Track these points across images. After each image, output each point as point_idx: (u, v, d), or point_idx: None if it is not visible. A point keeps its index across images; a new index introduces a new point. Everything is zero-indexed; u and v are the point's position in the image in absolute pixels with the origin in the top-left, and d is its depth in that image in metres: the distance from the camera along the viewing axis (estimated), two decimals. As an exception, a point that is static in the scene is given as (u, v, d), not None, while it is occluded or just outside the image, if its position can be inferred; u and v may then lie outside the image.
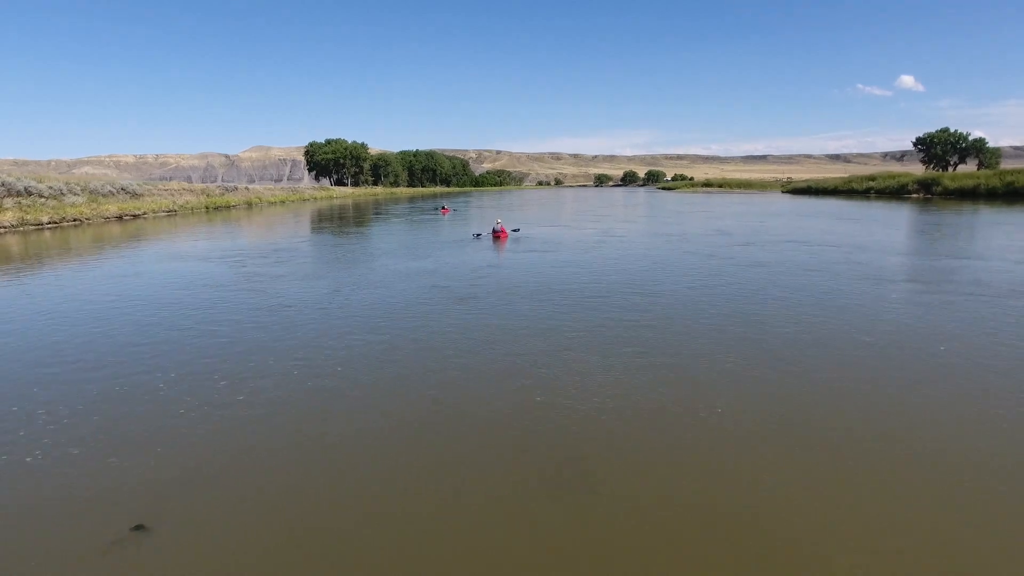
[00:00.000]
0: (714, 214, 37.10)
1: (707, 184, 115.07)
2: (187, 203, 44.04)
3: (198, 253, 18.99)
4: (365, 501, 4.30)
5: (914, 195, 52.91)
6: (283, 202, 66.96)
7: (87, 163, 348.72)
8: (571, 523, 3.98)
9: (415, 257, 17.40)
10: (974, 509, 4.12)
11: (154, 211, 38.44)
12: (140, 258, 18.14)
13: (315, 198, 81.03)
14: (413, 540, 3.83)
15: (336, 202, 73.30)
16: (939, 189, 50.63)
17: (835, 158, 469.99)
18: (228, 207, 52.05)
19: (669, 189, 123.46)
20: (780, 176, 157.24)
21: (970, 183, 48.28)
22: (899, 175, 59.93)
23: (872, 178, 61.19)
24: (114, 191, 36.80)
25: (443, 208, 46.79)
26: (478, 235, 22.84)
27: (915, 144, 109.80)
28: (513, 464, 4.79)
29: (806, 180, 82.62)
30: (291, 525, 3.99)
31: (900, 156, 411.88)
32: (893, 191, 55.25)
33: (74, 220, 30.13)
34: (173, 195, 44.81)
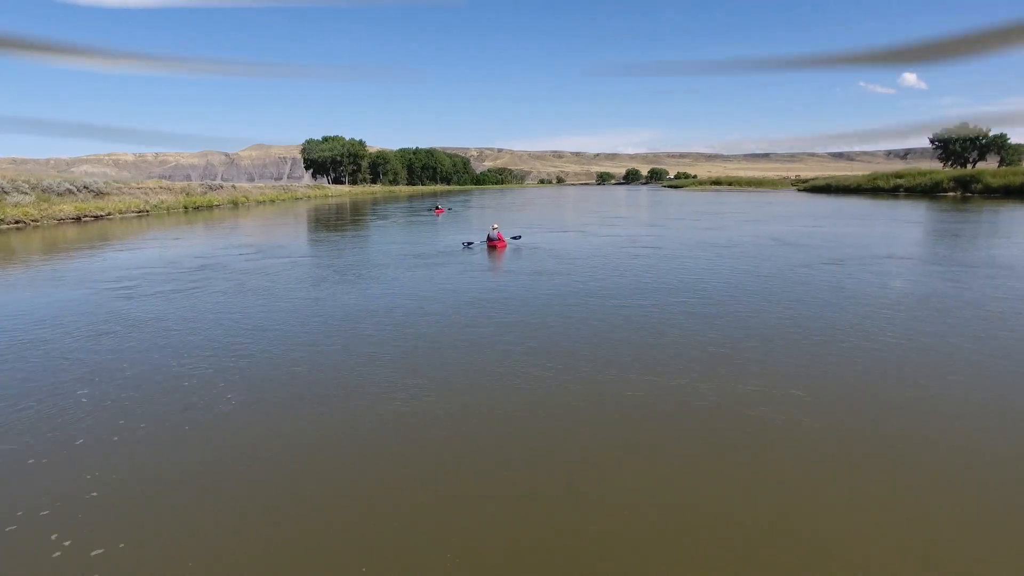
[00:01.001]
0: (748, 216, 33.04)
1: (716, 182, 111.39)
2: (162, 203, 40.32)
3: (92, 272, 14.51)
4: (361, 503, 4.24)
5: (950, 193, 49.10)
6: (272, 201, 63.20)
7: (86, 162, 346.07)
8: (572, 524, 3.93)
9: (375, 281, 13.15)
10: (979, 508, 4.06)
11: (121, 212, 34.71)
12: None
13: (308, 197, 77.34)
14: (411, 541, 3.79)
15: (331, 201, 69.61)
16: (979, 187, 46.74)
17: (838, 156, 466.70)
18: (210, 207, 48.36)
19: (677, 187, 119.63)
20: (786, 174, 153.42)
21: (1017, 180, 44.29)
22: (930, 172, 56.10)
23: (900, 175, 57.36)
24: (73, 189, 33.06)
25: (437, 208, 42.90)
26: (469, 244, 18.81)
27: (932, 141, 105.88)
28: (514, 466, 4.72)
29: (826, 178, 78.70)
30: (290, 526, 3.95)
31: (904, 154, 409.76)
32: (925, 189, 51.38)
33: (16, 223, 26.40)
34: (147, 194, 41.11)
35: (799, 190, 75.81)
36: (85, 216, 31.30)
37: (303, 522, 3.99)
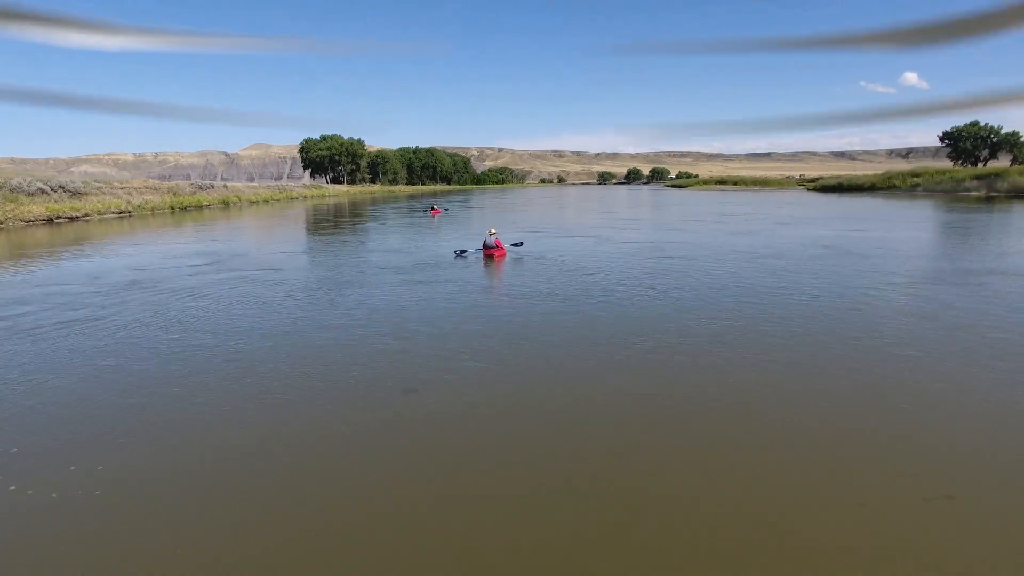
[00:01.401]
0: (774, 217, 30.67)
1: (720, 182, 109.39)
2: (146, 203, 38.22)
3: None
4: (362, 502, 4.13)
5: (973, 192, 46.95)
6: (266, 201, 61.12)
7: (85, 161, 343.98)
8: (571, 522, 3.84)
9: (335, 306, 10.43)
10: (984, 510, 3.93)
11: (99, 212, 32.62)
12: None
13: (305, 197, 75.29)
14: (410, 541, 3.66)
15: (327, 201, 67.58)
16: (1005, 186, 44.58)
17: (840, 155, 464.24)
18: (199, 207, 46.27)
19: (680, 187, 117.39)
20: (789, 173, 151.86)
21: (1048, 178, 42.17)
22: (950, 171, 54.03)
23: (917, 174, 55.20)
24: (47, 189, 30.97)
25: (433, 209, 40.08)
26: (462, 253, 16.38)
27: (942, 139, 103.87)
28: (514, 465, 4.63)
29: (836, 177, 76.51)
30: (288, 526, 3.84)
31: (905, 153, 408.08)
32: (947, 188, 49.19)
33: (-23, 225, 24.35)
34: (130, 194, 39.03)
35: (808, 189, 73.70)
36: (58, 218, 29.23)
37: (302, 522, 3.88)
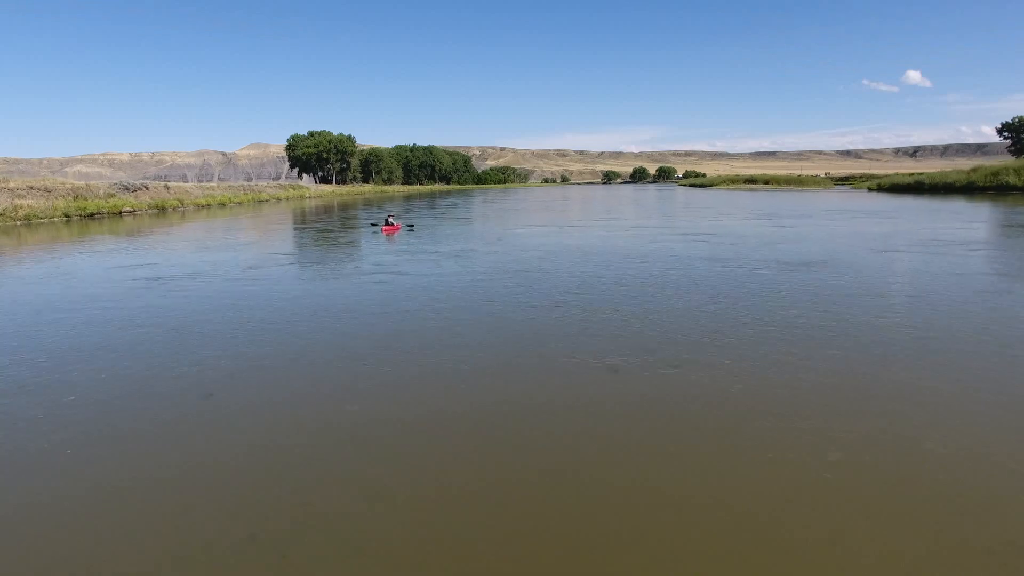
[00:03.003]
0: (890, 232, 19.51)
1: (750, 180, 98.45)
2: (15, 209, 27.07)
3: None
4: (361, 504, 4.02)
5: None
6: (222, 205, 49.85)
7: (80, 161, 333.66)
8: (572, 522, 3.76)
9: None
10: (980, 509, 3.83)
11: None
12: None
13: (277, 199, 64.12)
14: (411, 537, 3.61)
15: (306, 204, 56.43)
16: None
17: (846, 154, 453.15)
18: (115, 214, 35.13)
19: (703, 187, 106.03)
20: (794, 171, 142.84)
21: None
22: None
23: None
24: None
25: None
26: None
27: (1000, 131, 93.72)
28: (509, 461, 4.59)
29: (914, 175, 65.14)
30: (286, 525, 3.76)
31: (913, 152, 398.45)
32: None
33: None
34: (10, 195, 27.91)
35: (870, 189, 62.70)
36: None
37: (301, 522, 3.80)
